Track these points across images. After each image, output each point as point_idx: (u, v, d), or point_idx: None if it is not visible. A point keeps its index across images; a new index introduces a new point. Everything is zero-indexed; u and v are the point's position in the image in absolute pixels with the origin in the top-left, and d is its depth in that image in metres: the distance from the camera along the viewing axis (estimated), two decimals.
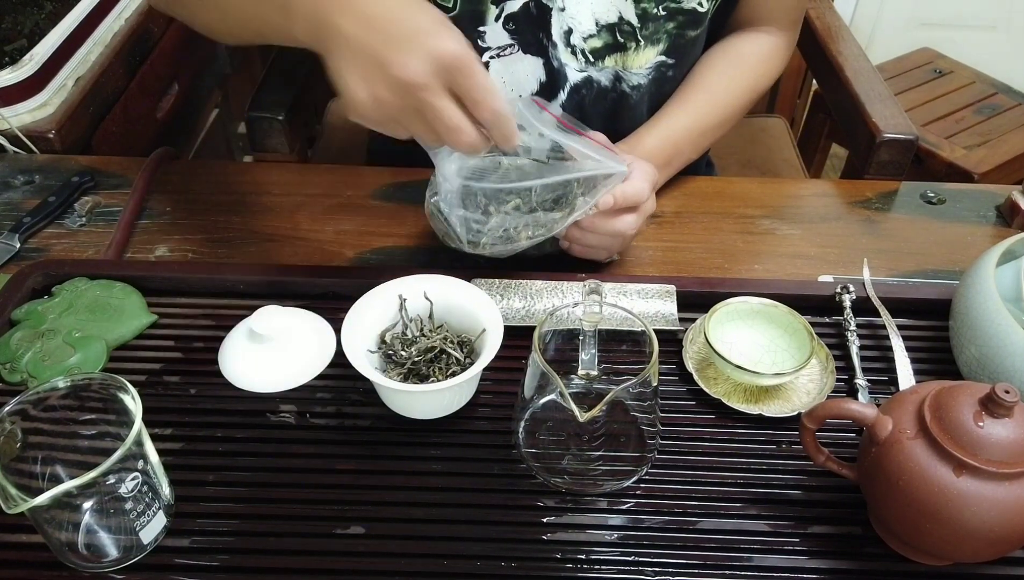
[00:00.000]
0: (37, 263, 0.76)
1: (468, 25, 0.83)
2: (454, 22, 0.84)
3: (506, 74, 0.86)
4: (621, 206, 0.71)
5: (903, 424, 0.53)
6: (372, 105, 0.57)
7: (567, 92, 0.86)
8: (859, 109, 0.94)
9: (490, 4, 0.80)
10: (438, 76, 0.56)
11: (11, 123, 0.91)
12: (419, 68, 0.55)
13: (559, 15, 0.81)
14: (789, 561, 0.56)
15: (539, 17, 0.81)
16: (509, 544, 0.57)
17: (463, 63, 0.56)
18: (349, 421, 0.64)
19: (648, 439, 0.61)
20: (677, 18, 0.82)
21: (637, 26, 0.81)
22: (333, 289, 0.73)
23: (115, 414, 0.55)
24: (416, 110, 0.57)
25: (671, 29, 0.83)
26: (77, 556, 0.54)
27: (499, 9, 0.80)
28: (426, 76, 0.55)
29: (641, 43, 0.83)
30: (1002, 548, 0.52)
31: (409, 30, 0.56)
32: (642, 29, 0.82)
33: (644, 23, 0.81)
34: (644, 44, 0.83)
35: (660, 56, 0.85)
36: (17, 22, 0.99)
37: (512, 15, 0.81)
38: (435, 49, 0.56)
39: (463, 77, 0.56)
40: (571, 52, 0.83)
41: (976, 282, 0.64)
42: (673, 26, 0.82)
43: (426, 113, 0.57)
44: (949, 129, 1.67)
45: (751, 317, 0.69)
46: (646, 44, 0.83)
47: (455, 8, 0.80)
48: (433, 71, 0.56)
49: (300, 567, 0.55)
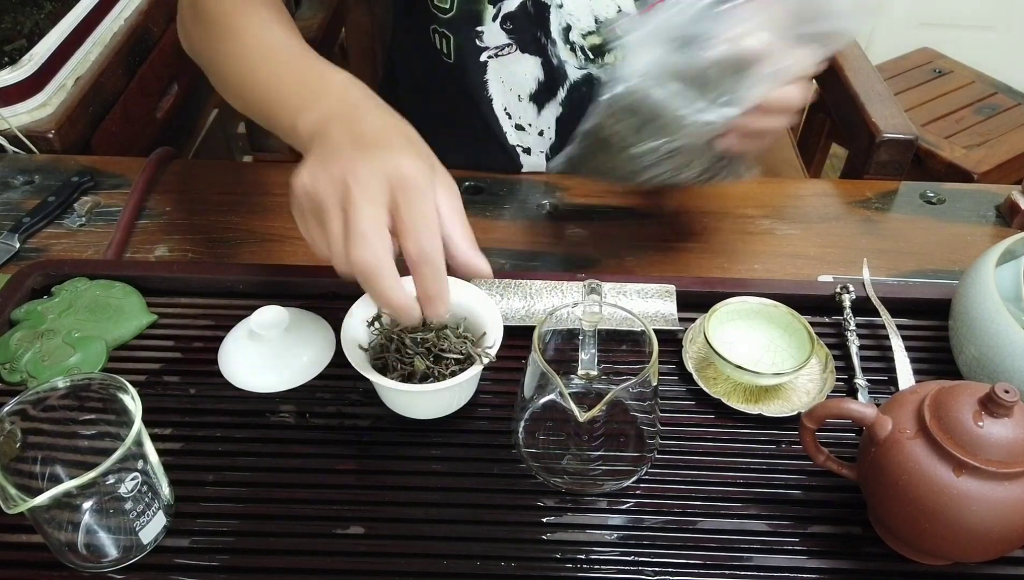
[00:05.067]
0: (37, 263, 0.76)
1: (466, 25, 0.83)
2: (451, 24, 0.84)
3: (504, 74, 0.86)
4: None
5: (903, 424, 0.53)
6: (306, 188, 0.54)
7: (567, 90, 0.86)
8: (859, 109, 0.94)
9: (487, 4, 0.80)
10: (382, 187, 0.52)
11: (11, 123, 0.91)
12: (366, 172, 0.52)
13: (557, 12, 0.81)
14: (789, 561, 0.56)
15: (537, 15, 0.81)
16: (509, 544, 0.57)
17: (413, 184, 0.53)
18: (349, 421, 0.64)
19: (648, 439, 0.61)
20: None
21: None
22: (333, 289, 0.73)
23: (115, 414, 0.55)
24: (340, 206, 0.53)
25: None
26: (77, 556, 0.54)
27: (496, 9, 0.80)
28: (368, 180, 0.52)
29: None
30: (1002, 548, 0.52)
31: (382, 143, 0.55)
32: None
33: None
34: None
35: None
36: (17, 22, 0.99)
37: (510, 14, 0.81)
38: (394, 163, 0.53)
39: (406, 198, 0.52)
40: (570, 49, 0.83)
41: (976, 282, 0.64)
42: None
43: (347, 209, 0.52)
44: (949, 129, 1.68)
45: (751, 317, 0.69)
46: None
47: (452, 9, 0.80)
48: (379, 182, 0.52)
49: (300, 567, 0.55)
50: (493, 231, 0.84)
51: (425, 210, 0.53)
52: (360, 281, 0.53)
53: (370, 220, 0.52)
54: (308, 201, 0.55)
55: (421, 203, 0.53)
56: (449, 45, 0.85)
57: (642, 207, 0.87)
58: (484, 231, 0.83)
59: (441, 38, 0.85)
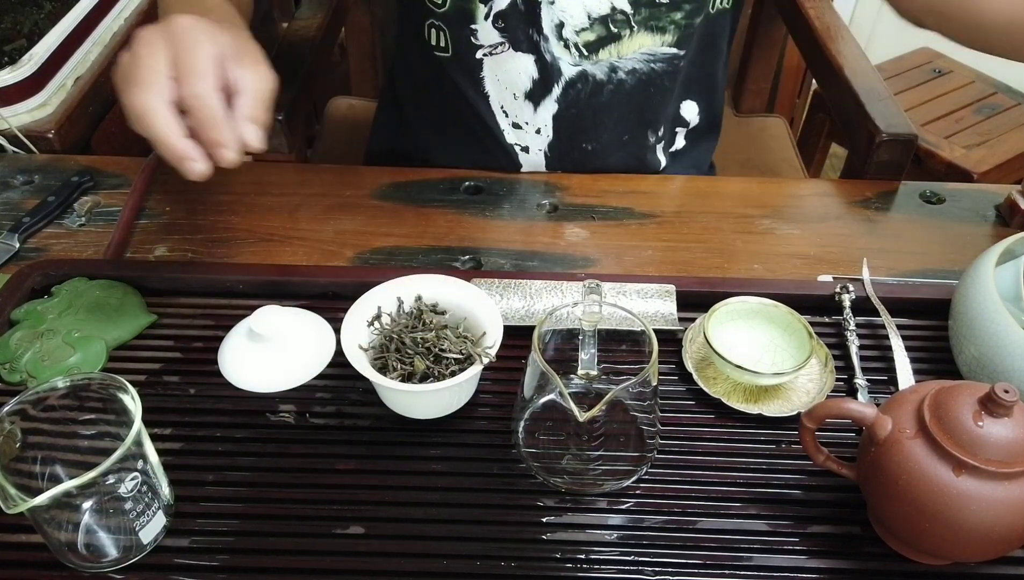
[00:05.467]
0: (36, 263, 0.76)
1: (460, 23, 0.83)
2: (446, 19, 0.85)
3: (499, 72, 0.86)
4: None
5: (903, 424, 0.53)
6: (120, 62, 0.59)
7: (562, 87, 0.86)
8: (859, 109, 0.94)
9: (478, 2, 0.80)
10: (162, 41, 0.57)
11: (10, 123, 0.91)
12: (151, 30, 0.57)
13: (549, 9, 0.81)
14: (789, 561, 0.56)
15: (528, 12, 0.81)
16: (509, 544, 0.57)
17: (187, 35, 0.57)
18: (349, 421, 0.64)
19: (648, 439, 0.61)
20: (683, 7, 0.82)
21: (630, 12, 0.81)
22: (333, 289, 0.73)
23: (115, 414, 0.55)
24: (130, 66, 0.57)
25: (679, 20, 0.83)
26: (77, 556, 0.54)
27: (487, 7, 0.80)
28: (150, 35, 0.57)
29: (635, 28, 0.83)
30: (1002, 548, 0.52)
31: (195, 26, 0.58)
32: (635, 15, 0.82)
33: (637, 8, 0.81)
34: (638, 29, 0.83)
35: (670, 48, 0.85)
36: (17, 22, 0.99)
37: (501, 12, 0.81)
38: (176, 21, 0.57)
39: (183, 47, 0.56)
40: (564, 46, 0.83)
41: (975, 282, 0.64)
42: (681, 16, 0.82)
43: (130, 66, 0.57)
44: (948, 129, 1.67)
45: (751, 317, 0.69)
46: (640, 29, 0.83)
47: (445, 5, 0.80)
48: (159, 36, 0.57)
49: (300, 567, 0.55)
50: (493, 231, 0.84)
51: (196, 58, 0.56)
52: (137, 127, 0.57)
53: (145, 68, 0.56)
54: (118, 73, 0.59)
55: (194, 52, 0.56)
56: (446, 38, 0.85)
57: (642, 207, 0.87)
58: (484, 231, 0.83)
59: (438, 32, 0.86)
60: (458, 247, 0.81)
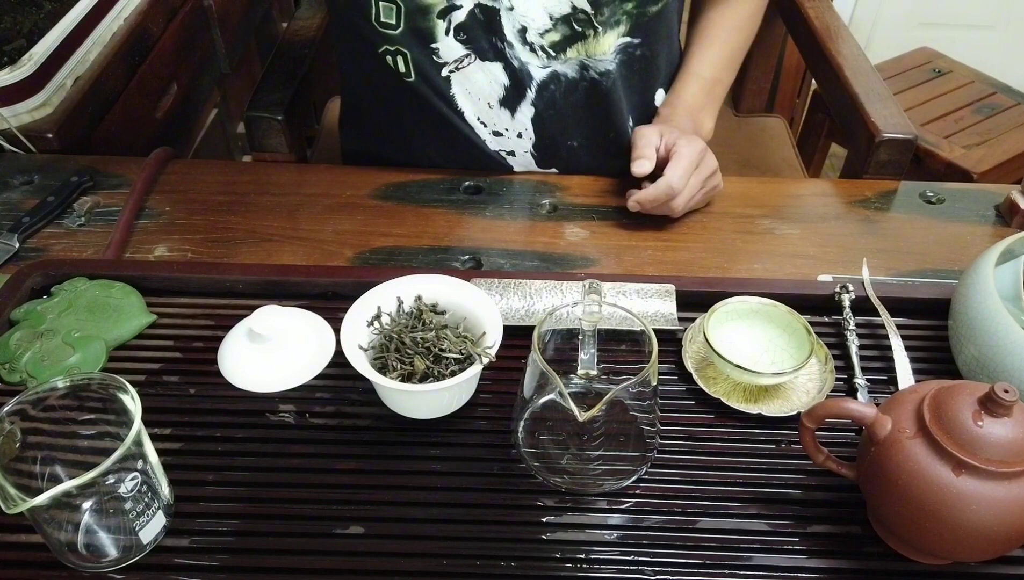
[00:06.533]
0: (36, 263, 0.76)
1: (419, 44, 0.82)
2: (403, 41, 0.84)
3: (469, 85, 0.85)
4: (648, 208, 0.80)
5: (902, 423, 0.53)
6: None
7: (535, 91, 0.86)
8: (858, 109, 0.95)
9: (436, 19, 0.79)
10: None
11: (10, 123, 0.91)
12: None
13: (509, 15, 0.80)
14: (789, 561, 0.56)
15: (487, 21, 0.80)
16: (509, 544, 0.57)
17: None
18: (349, 421, 0.64)
19: (648, 439, 0.61)
20: None
21: (591, 12, 0.81)
22: (333, 289, 0.73)
23: (114, 414, 0.55)
24: None
25: (631, 9, 0.82)
26: (76, 556, 0.54)
27: (446, 22, 0.80)
28: None
29: (599, 29, 0.82)
30: (1001, 547, 0.52)
31: None
32: (597, 15, 0.81)
33: (598, 8, 0.81)
34: (603, 30, 0.83)
35: (624, 37, 0.85)
36: (16, 22, 0.99)
37: (460, 25, 0.80)
38: None
39: None
40: (530, 50, 0.82)
41: (975, 281, 0.64)
42: (632, 5, 0.82)
43: None
44: (948, 129, 1.67)
45: (750, 316, 0.69)
46: (605, 29, 0.83)
47: (400, 25, 0.80)
48: None
49: (300, 567, 0.55)
50: (493, 231, 0.84)
51: None
52: None
53: None
54: None
55: None
56: (407, 63, 0.84)
57: None
58: (484, 231, 0.83)
59: (396, 56, 0.84)
60: (458, 247, 0.81)
